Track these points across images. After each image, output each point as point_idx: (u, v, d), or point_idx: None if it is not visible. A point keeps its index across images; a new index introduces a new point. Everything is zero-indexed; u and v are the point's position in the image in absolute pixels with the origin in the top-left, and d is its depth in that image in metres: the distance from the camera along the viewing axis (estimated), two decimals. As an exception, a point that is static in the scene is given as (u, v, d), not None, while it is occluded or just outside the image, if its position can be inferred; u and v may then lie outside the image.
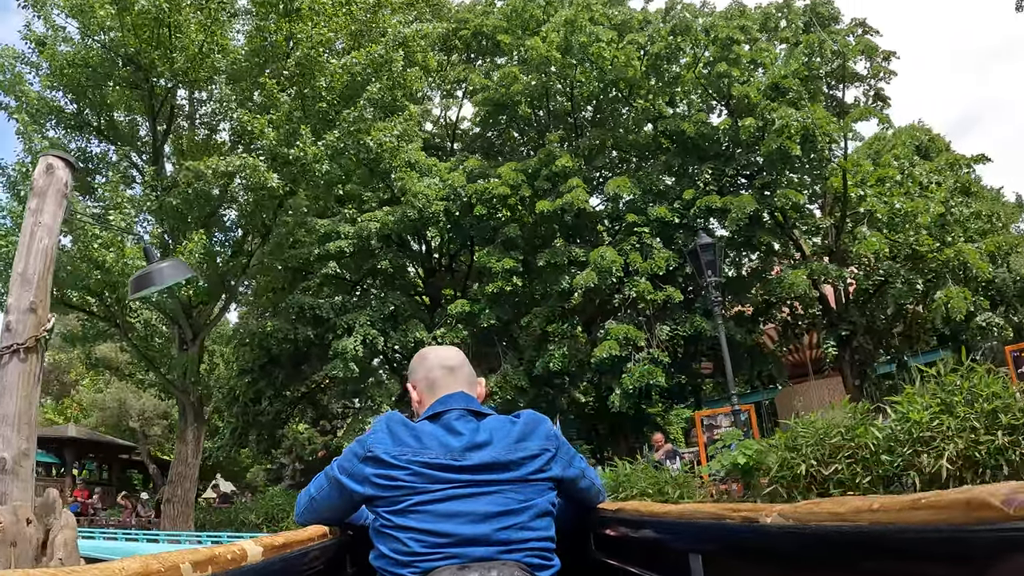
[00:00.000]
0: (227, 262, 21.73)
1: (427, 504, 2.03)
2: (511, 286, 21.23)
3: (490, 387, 21.27)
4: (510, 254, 21.68)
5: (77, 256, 16.17)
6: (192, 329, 20.67)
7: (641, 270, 20.12)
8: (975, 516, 0.96)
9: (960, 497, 1.00)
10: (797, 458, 9.88)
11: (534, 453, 2.15)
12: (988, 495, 0.95)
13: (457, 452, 2.09)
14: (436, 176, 23.43)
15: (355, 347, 21.40)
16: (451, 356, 2.42)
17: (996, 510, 0.93)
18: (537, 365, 21.32)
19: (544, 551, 2.09)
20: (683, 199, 20.99)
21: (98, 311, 19.94)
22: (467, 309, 21.86)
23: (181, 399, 21.12)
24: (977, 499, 0.96)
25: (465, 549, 1.98)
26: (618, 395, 19.58)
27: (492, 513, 2.03)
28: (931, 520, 1.05)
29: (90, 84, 18.52)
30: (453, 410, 2.20)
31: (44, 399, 51.86)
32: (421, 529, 2.01)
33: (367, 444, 2.14)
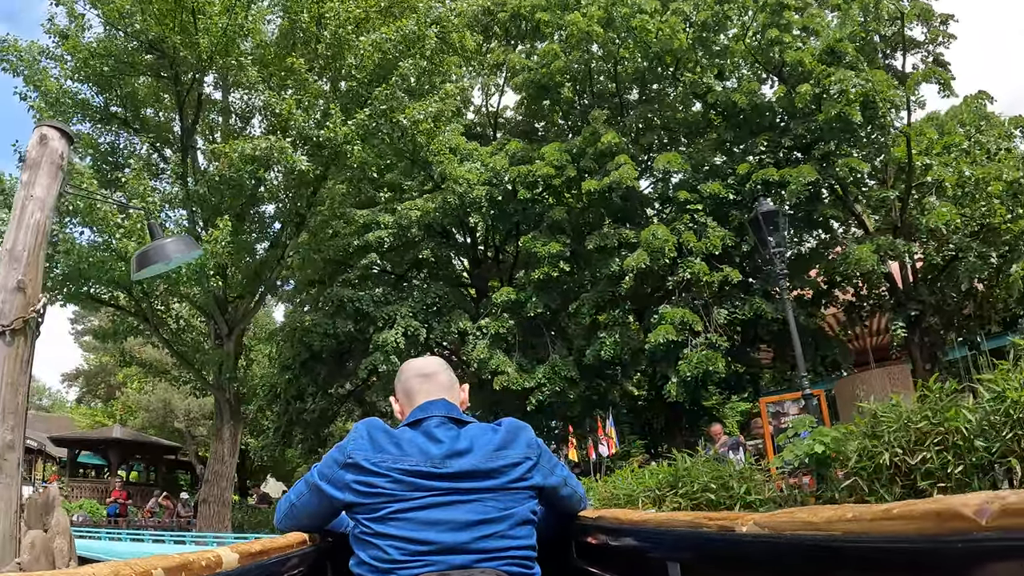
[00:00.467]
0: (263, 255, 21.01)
1: (407, 512, 2.01)
2: (558, 271, 20.23)
3: (538, 379, 20.35)
4: (556, 238, 20.71)
5: (101, 247, 15.56)
6: (228, 324, 19.99)
7: (695, 250, 19.01)
8: (947, 526, 0.96)
9: (932, 507, 0.99)
10: (879, 446, 8.76)
11: (515, 461, 2.13)
12: (960, 505, 0.94)
13: (437, 459, 2.07)
14: (477, 161, 22.56)
15: (396, 339, 20.61)
16: (427, 365, 2.43)
17: (968, 520, 0.92)
18: (587, 354, 20.28)
19: (524, 559, 2.08)
20: (737, 174, 19.81)
21: (127, 306, 19.31)
22: (513, 297, 20.93)
23: (217, 396, 20.52)
24: (949, 509, 0.96)
25: (445, 557, 1.97)
26: (674, 384, 18.49)
27: (472, 521, 2.01)
28: (904, 530, 1.04)
29: (114, 75, 17.96)
30: (433, 417, 2.18)
31: (93, 401, 52.36)
32: (401, 537, 1.99)
33: (347, 450, 2.13)
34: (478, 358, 20.63)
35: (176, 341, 20.11)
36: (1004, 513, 0.89)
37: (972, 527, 0.92)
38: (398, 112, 17.62)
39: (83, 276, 16.39)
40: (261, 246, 21.62)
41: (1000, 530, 0.89)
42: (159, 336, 19.83)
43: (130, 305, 19.15)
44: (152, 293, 18.26)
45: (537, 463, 2.19)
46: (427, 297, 22.31)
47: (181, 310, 20.77)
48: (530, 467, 2.16)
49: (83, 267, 15.69)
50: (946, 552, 0.97)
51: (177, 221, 19.11)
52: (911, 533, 1.03)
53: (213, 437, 21.51)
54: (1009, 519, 0.88)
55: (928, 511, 1.00)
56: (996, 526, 0.89)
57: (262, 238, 21.84)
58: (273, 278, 21.50)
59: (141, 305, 18.67)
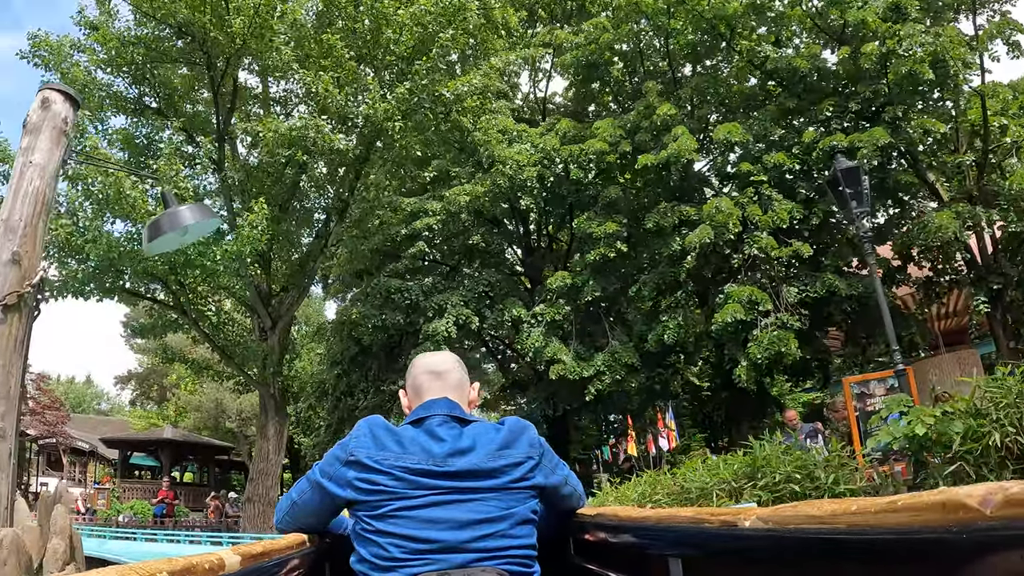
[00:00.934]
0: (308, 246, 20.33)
1: (408, 510, 2.01)
2: (615, 252, 19.22)
3: (597, 367, 19.36)
4: (612, 218, 19.69)
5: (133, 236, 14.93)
6: (271, 317, 19.30)
7: (761, 224, 17.87)
8: (952, 518, 0.96)
9: (937, 499, 1.00)
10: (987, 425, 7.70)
11: (517, 461, 2.11)
12: (965, 496, 0.94)
13: (439, 458, 2.06)
14: (527, 142, 21.67)
15: (447, 329, 19.79)
16: (438, 361, 2.37)
17: (973, 511, 0.93)
18: (649, 339, 19.22)
19: (524, 559, 2.08)
20: (802, 143, 18.59)
21: (165, 299, 18.69)
22: (568, 282, 19.96)
23: (261, 392, 19.87)
24: (954, 500, 0.96)
25: (446, 556, 1.97)
26: (744, 368, 17.37)
27: (473, 520, 2.01)
28: (909, 522, 1.04)
29: (147, 63, 17.40)
30: (436, 415, 2.16)
31: (146, 404, 52.62)
32: (402, 535, 1.99)
33: (349, 448, 2.12)
34: (532, 347, 19.70)
35: (217, 335, 19.45)
36: (1008, 503, 0.89)
37: (977, 517, 0.92)
38: (440, 85, 16.75)
39: (115, 267, 15.79)
40: (305, 237, 20.87)
41: (1005, 520, 0.89)
42: (198, 330, 19.16)
43: (168, 298, 18.52)
44: (189, 285, 17.58)
45: (539, 463, 2.17)
46: (478, 285, 21.49)
47: (221, 303, 20.13)
48: (532, 467, 2.14)
49: (114, 256, 15.07)
50: (951, 543, 0.97)
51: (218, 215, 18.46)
52: (916, 525, 1.03)
53: (258, 435, 20.89)
54: (1014, 509, 0.89)
55: (933, 503, 1.00)
56: (1001, 516, 0.90)
57: (305, 228, 21.08)
58: (315, 268, 20.74)
59: (179, 298, 18.01)
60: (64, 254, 15.56)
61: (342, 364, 24.89)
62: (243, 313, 21.52)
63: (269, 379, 19.11)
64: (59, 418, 30.80)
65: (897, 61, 17.22)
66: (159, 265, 15.44)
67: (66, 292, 15.80)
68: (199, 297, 18.86)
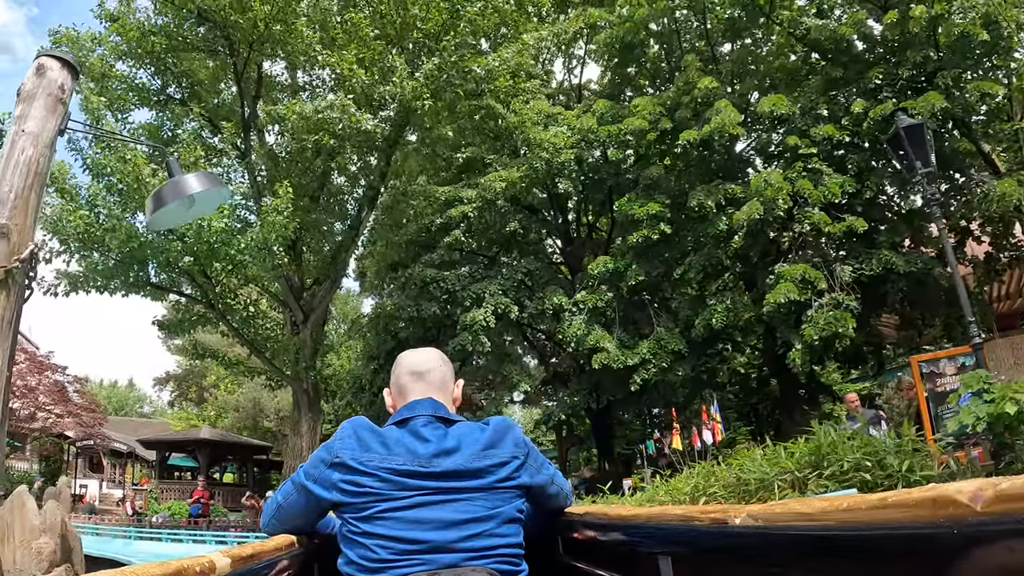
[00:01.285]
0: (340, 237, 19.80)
1: (394, 511, 2.00)
2: (658, 234, 18.45)
3: (643, 355, 18.60)
4: (654, 198, 18.91)
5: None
6: (303, 311, 18.76)
7: (812, 199, 17.00)
8: (943, 513, 0.97)
9: (928, 495, 1.01)
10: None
11: (503, 460, 2.10)
12: (955, 492, 0.95)
13: (424, 459, 2.05)
14: (563, 124, 20.98)
15: (485, 318, 19.13)
16: (421, 360, 2.34)
17: (964, 507, 0.94)
18: (696, 324, 18.41)
19: (512, 557, 2.07)
20: (851, 113, 17.68)
21: (193, 293, 18.18)
22: (610, 267, 19.21)
23: (294, 388, 19.40)
24: (944, 496, 0.97)
25: (433, 556, 1.96)
26: (799, 351, 16.51)
27: (459, 520, 2.00)
28: (899, 518, 1.06)
29: (168, 52, 16.96)
30: (420, 416, 2.15)
31: (185, 404, 52.67)
32: (389, 536, 1.98)
33: (334, 450, 2.11)
34: (574, 335, 18.98)
35: (246, 329, 18.94)
36: (998, 499, 0.90)
37: (967, 513, 0.93)
38: (469, 61, 16.09)
39: (138, 259, 15.29)
40: (337, 224, 20.31)
41: (995, 515, 0.90)
42: (227, 324, 18.65)
43: (195, 292, 18.01)
44: (216, 277, 17.06)
45: (524, 462, 2.16)
46: (517, 273, 20.83)
47: (250, 295, 19.62)
48: (517, 466, 2.13)
49: (134, 246, 14.58)
50: (942, 539, 0.98)
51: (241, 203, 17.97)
52: (907, 521, 1.04)
53: (290, 431, 20.40)
54: (1003, 504, 0.89)
55: (923, 499, 1.01)
56: (991, 511, 0.90)
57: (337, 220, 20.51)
58: (348, 258, 20.18)
59: (206, 292, 17.48)
60: (85, 247, 15.07)
61: (378, 359, 24.33)
62: (275, 308, 21.01)
63: (302, 374, 18.58)
64: (96, 420, 30.68)
65: (947, 24, 16.32)
66: (182, 256, 14.93)
67: (88, 286, 15.34)
68: (228, 291, 18.37)
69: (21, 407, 27.48)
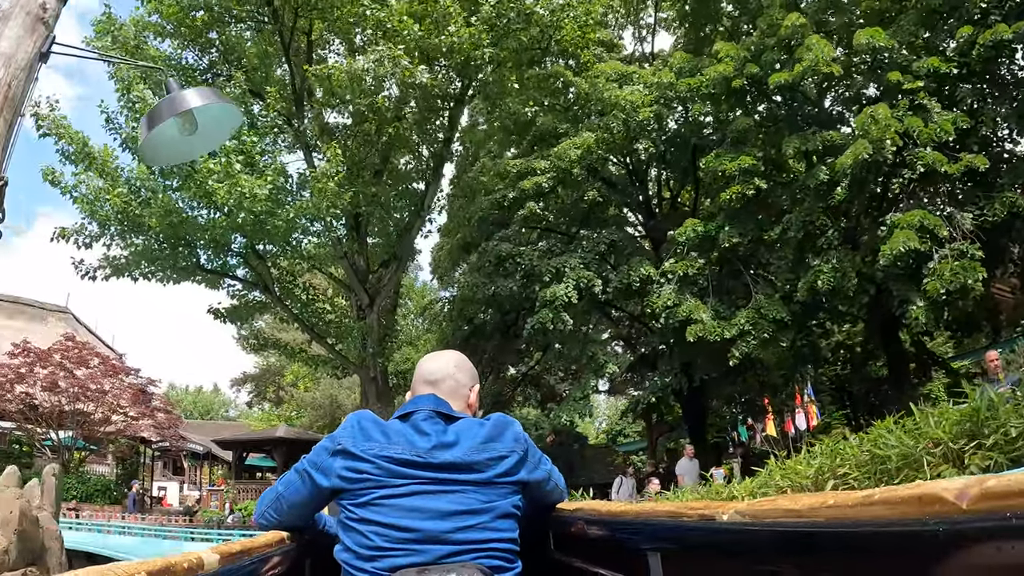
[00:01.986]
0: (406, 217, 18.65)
1: (391, 498, 2.02)
2: (753, 189, 16.78)
3: (741, 325, 16.94)
4: (745, 151, 17.26)
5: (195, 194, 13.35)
6: (368, 294, 17.57)
7: (922, 138, 15.18)
8: (929, 511, 0.98)
9: (914, 492, 1.01)
10: None
11: (501, 455, 2.11)
12: (941, 490, 0.96)
13: (423, 451, 2.07)
14: (639, 83, 19.50)
15: (567, 293, 17.72)
16: (435, 369, 2.34)
17: (949, 505, 0.94)
18: (799, 287, 16.66)
19: (505, 552, 2.07)
20: (957, 42, 15.85)
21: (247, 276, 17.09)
22: (701, 230, 17.58)
23: (361, 376, 18.28)
24: (930, 494, 0.98)
25: (427, 546, 1.97)
26: (921, 308, 14.69)
27: (454, 511, 2.02)
28: (886, 515, 1.06)
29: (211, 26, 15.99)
30: (421, 411, 2.17)
31: (263, 404, 52.60)
32: (383, 523, 2.00)
33: (337, 439, 2.15)
34: (664, 306, 17.41)
35: (306, 314, 17.85)
36: (984, 497, 0.90)
37: (953, 511, 0.94)
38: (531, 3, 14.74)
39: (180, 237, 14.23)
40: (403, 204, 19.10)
41: (981, 513, 0.91)
42: (285, 308, 17.54)
43: (249, 275, 16.91)
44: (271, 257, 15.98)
45: (523, 458, 2.16)
46: (599, 245, 19.34)
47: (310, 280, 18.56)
48: (516, 461, 2.13)
49: (174, 221, 13.53)
50: (928, 536, 0.98)
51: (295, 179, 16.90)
52: (893, 518, 1.04)
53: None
54: (989, 502, 0.90)
55: (910, 496, 1.01)
56: (977, 509, 0.91)
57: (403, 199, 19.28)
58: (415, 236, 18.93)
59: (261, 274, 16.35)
60: (126, 229, 14.06)
61: (454, 346, 23.11)
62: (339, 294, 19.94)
63: (368, 360, 17.41)
64: (171, 421, 30.30)
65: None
66: (229, 233, 13.82)
67: (133, 271, 14.38)
68: (287, 274, 17.31)
69: (95, 410, 27.19)
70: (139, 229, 13.91)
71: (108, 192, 13.10)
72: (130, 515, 24.72)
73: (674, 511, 1.72)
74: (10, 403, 25.82)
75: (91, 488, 27.74)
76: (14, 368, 25.77)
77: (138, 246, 14.35)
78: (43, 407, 26.39)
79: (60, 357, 26.72)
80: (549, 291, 17.79)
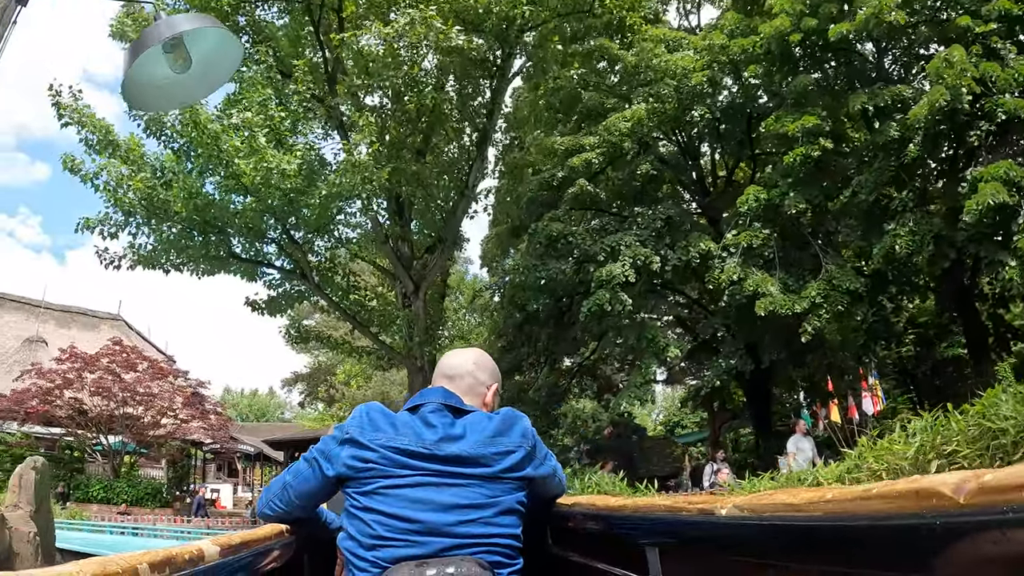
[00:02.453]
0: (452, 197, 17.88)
1: (394, 488, 2.03)
2: (818, 150, 15.71)
3: (811, 298, 15.84)
4: (807, 110, 16.20)
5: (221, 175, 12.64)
6: (413, 280, 16.76)
7: (1000, 83, 14.03)
8: (926, 505, 0.98)
9: (911, 487, 1.02)
10: None
11: (508, 449, 2.11)
12: (939, 484, 0.96)
13: (430, 443, 2.07)
14: (689, 49, 18.58)
15: (624, 272, 16.79)
16: (456, 364, 2.37)
17: (947, 499, 0.94)
18: (874, 254, 15.53)
19: (507, 548, 2.06)
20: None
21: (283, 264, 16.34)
22: (763, 197, 16.53)
23: (408, 366, 17.48)
24: (928, 488, 0.98)
25: (429, 538, 1.97)
26: (1014, 268, 13.51)
27: (457, 505, 2.02)
28: (884, 510, 1.06)
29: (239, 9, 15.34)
30: (430, 403, 2.18)
31: (316, 404, 52.39)
32: (386, 512, 2.00)
33: (345, 428, 2.15)
34: (728, 281, 16.39)
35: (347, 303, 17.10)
36: (981, 491, 0.91)
37: (950, 505, 0.94)
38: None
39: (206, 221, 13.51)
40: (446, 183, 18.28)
41: (978, 507, 0.91)
42: (324, 297, 16.71)
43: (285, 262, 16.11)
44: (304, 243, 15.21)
45: (530, 454, 2.16)
46: (655, 221, 18.37)
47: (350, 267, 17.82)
48: (523, 457, 2.12)
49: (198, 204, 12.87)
50: (925, 530, 0.98)
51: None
52: (890, 512, 1.05)
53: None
54: (986, 496, 0.90)
55: (908, 490, 1.02)
56: (974, 504, 0.91)
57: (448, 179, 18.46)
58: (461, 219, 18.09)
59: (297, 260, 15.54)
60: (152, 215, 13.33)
61: (506, 336, 22.30)
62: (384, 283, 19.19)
63: (415, 350, 16.54)
64: (221, 423, 29.97)
65: None
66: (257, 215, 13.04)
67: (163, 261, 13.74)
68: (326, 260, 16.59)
69: (144, 413, 26.90)
70: (165, 215, 13.20)
71: (131, 179, 12.45)
72: (193, 519, 24.42)
73: (673, 505, 1.73)
74: (60, 408, 25.68)
75: (141, 491, 27.49)
76: (62, 373, 25.60)
77: (163, 232, 13.67)
78: (92, 412, 26.19)
79: (108, 361, 26.48)
80: (605, 270, 16.89)
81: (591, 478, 11.74)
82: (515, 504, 2.10)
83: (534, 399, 23.31)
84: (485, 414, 2.19)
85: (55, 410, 25.65)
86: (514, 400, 23.27)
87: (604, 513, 2.18)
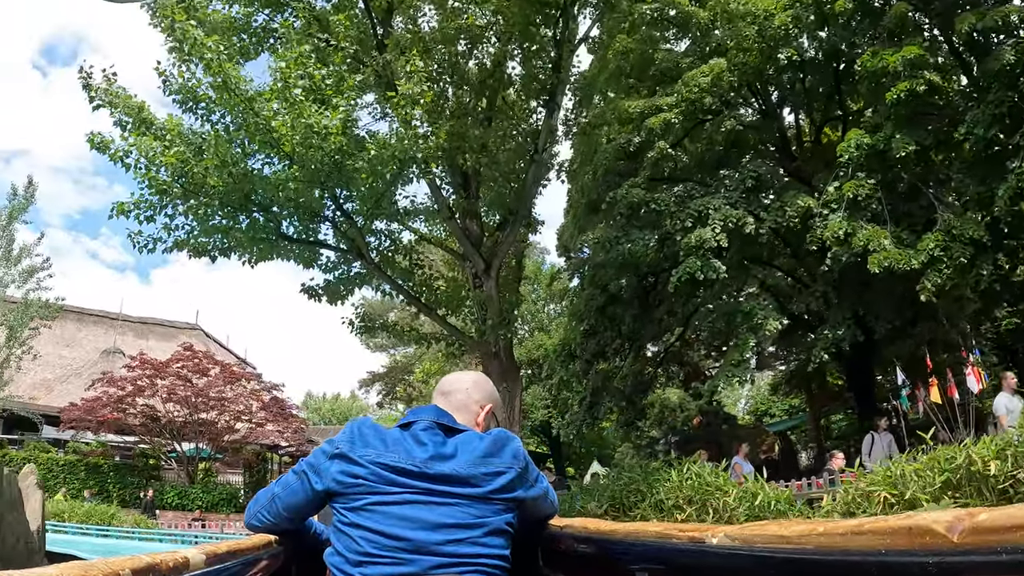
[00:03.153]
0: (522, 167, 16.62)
1: (382, 505, 2.02)
2: (923, 84, 13.96)
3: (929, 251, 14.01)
4: (908, 41, 14.50)
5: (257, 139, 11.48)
6: (483, 259, 15.41)
7: None
8: (919, 542, 0.97)
9: (904, 523, 1.00)
10: None
11: (498, 470, 2.11)
12: (932, 522, 0.95)
13: (419, 461, 2.07)
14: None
15: (715, 236, 15.30)
16: (452, 381, 2.42)
17: (940, 537, 0.94)
18: (999, 196, 13.61)
19: (494, 568, 2.05)
20: None
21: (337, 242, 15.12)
22: (866, 142, 14.79)
23: (481, 353, 16.09)
24: (921, 526, 0.97)
25: (416, 556, 1.96)
26: None
27: (445, 524, 2.01)
28: (875, 545, 1.05)
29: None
30: (422, 421, 2.18)
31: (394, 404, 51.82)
32: (373, 529, 2.00)
33: (336, 443, 2.16)
34: (833, 236, 14.68)
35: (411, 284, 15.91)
36: (976, 530, 0.90)
37: (944, 544, 0.93)
38: None
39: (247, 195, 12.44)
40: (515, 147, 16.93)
41: (971, 547, 0.90)
42: (385, 278, 15.41)
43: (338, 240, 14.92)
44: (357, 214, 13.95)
45: (520, 475, 2.14)
46: (745, 180, 16.80)
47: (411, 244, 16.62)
48: (513, 478, 2.11)
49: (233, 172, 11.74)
50: (917, 568, 0.98)
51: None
52: (883, 549, 1.03)
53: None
54: (980, 536, 0.89)
55: (900, 527, 1.01)
56: (968, 543, 0.90)
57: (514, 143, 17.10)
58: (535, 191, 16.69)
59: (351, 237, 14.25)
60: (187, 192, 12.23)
61: (588, 319, 20.91)
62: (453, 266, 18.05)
63: (489, 334, 15.16)
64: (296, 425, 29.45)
65: None
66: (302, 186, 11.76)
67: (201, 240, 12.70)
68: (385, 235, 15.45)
69: (218, 418, 26.46)
70: (201, 190, 12.08)
71: (163, 154, 11.38)
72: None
73: (663, 532, 1.69)
74: (134, 417, 25.38)
75: (216, 497, 27.14)
76: (133, 380, 25.25)
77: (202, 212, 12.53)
78: (164, 418, 25.84)
79: (179, 367, 26.08)
80: (695, 235, 15.42)
81: (689, 468, 10.30)
82: (504, 525, 2.08)
83: (619, 388, 21.93)
84: (477, 434, 2.17)
85: (128, 418, 25.41)
86: (599, 390, 21.92)
87: (595, 536, 2.14)
